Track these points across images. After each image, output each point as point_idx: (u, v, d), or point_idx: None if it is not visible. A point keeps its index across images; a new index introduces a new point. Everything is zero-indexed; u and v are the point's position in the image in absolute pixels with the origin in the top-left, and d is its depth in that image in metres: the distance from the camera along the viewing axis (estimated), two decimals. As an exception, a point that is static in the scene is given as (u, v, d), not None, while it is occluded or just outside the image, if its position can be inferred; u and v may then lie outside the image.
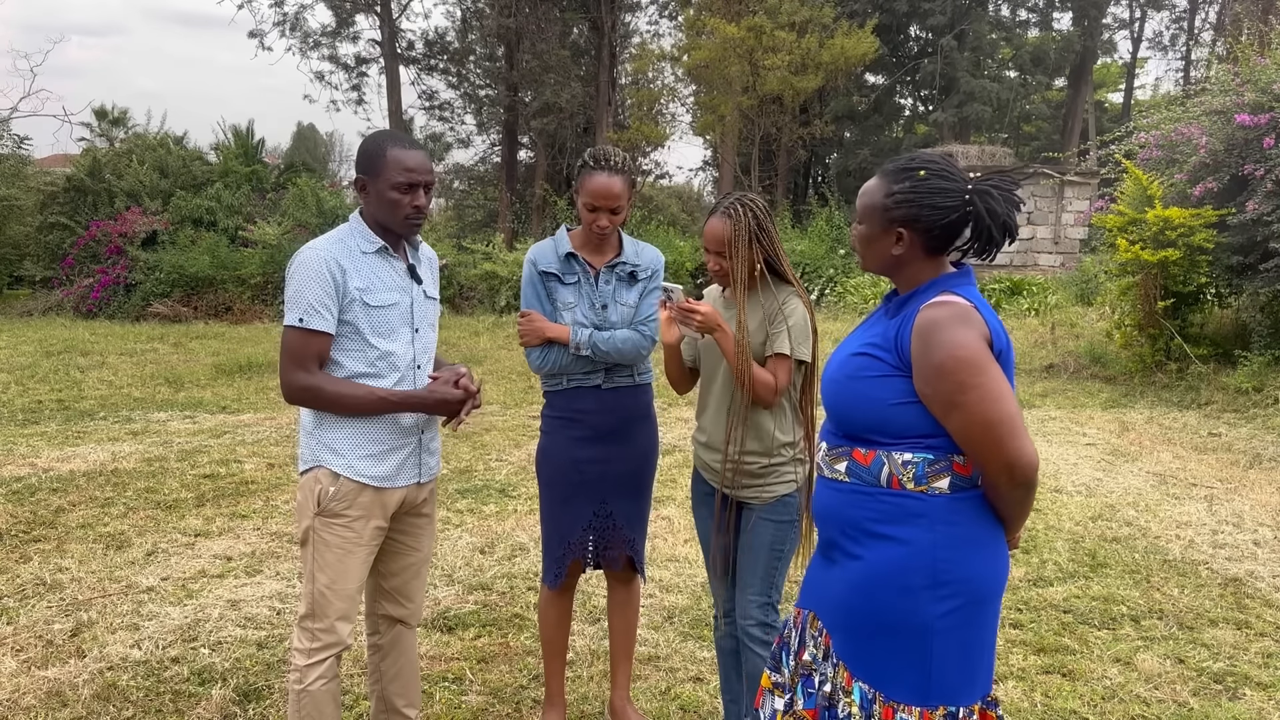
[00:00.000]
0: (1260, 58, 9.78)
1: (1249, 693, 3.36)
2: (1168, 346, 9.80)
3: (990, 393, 1.71)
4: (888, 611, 1.80)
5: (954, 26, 27.87)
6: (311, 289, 2.37)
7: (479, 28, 26.72)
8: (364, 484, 2.46)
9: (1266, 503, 5.74)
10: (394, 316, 2.49)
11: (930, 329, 1.76)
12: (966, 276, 1.89)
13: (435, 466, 2.67)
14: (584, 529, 2.91)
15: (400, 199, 2.42)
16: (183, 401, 9.10)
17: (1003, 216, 1.81)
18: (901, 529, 1.79)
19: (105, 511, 5.39)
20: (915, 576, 1.77)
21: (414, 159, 2.42)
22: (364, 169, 2.45)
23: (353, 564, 2.47)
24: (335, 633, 2.47)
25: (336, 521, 2.45)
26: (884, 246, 1.89)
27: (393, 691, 2.77)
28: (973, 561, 1.79)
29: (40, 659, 3.53)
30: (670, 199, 33.14)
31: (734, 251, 2.58)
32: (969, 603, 1.79)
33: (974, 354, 1.72)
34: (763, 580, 2.63)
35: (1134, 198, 9.87)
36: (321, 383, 2.40)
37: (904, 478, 1.80)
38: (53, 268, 17.86)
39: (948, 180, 1.82)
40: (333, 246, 2.44)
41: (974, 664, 1.81)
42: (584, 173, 2.77)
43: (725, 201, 2.64)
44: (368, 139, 2.47)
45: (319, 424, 2.48)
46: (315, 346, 2.39)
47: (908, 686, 1.79)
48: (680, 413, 8.42)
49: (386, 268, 2.50)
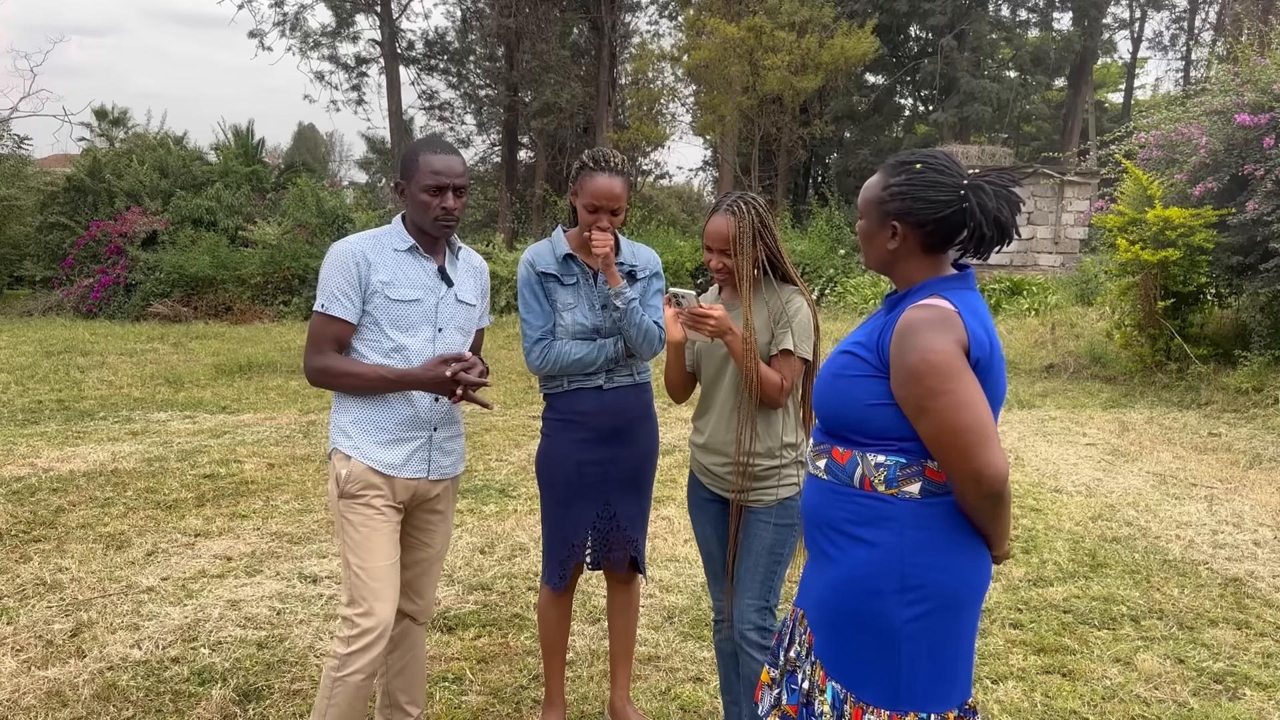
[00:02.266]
0: (1260, 58, 9.79)
1: (1249, 693, 3.36)
2: (1168, 346, 9.80)
3: (960, 400, 1.69)
4: (859, 613, 1.79)
5: (954, 26, 27.87)
6: (335, 278, 2.52)
7: (479, 28, 26.73)
8: (372, 467, 2.54)
9: (1266, 503, 5.74)
10: (415, 313, 2.58)
11: (907, 331, 1.74)
12: (965, 280, 1.86)
13: (451, 468, 2.71)
14: (587, 531, 2.90)
15: (430, 200, 2.54)
16: (183, 401, 9.10)
17: (994, 212, 1.78)
18: (872, 531, 1.78)
19: (105, 511, 5.39)
20: (884, 580, 1.76)
21: (442, 163, 2.53)
22: (402, 173, 2.59)
23: (378, 540, 2.52)
24: (374, 615, 2.47)
25: (357, 501, 2.54)
26: (880, 241, 1.88)
27: (397, 687, 2.79)
28: (943, 567, 1.76)
29: (40, 659, 3.53)
30: (670, 199, 33.15)
31: (739, 249, 2.57)
32: (939, 608, 1.76)
33: (945, 360, 1.70)
34: (761, 584, 2.62)
35: (1134, 198, 9.87)
36: (331, 362, 2.54)
37: (875, 480, 1.79)
38: (53, 268, 17.86)
39: (944, 175, 1.81)
40: (364, 241, 2.58)
41: (946, 670, 1.78)
42: (583, 174, 2.74)
43: (727, 200, 2.63)
44: (407, 148, 2.61)
45: (337, 406, 2.62)
46: (333, 331, 2.53)
47: (878, 690, 1.78)
48: (681, 413, 8.42)
49: (416, 266, 2.61)
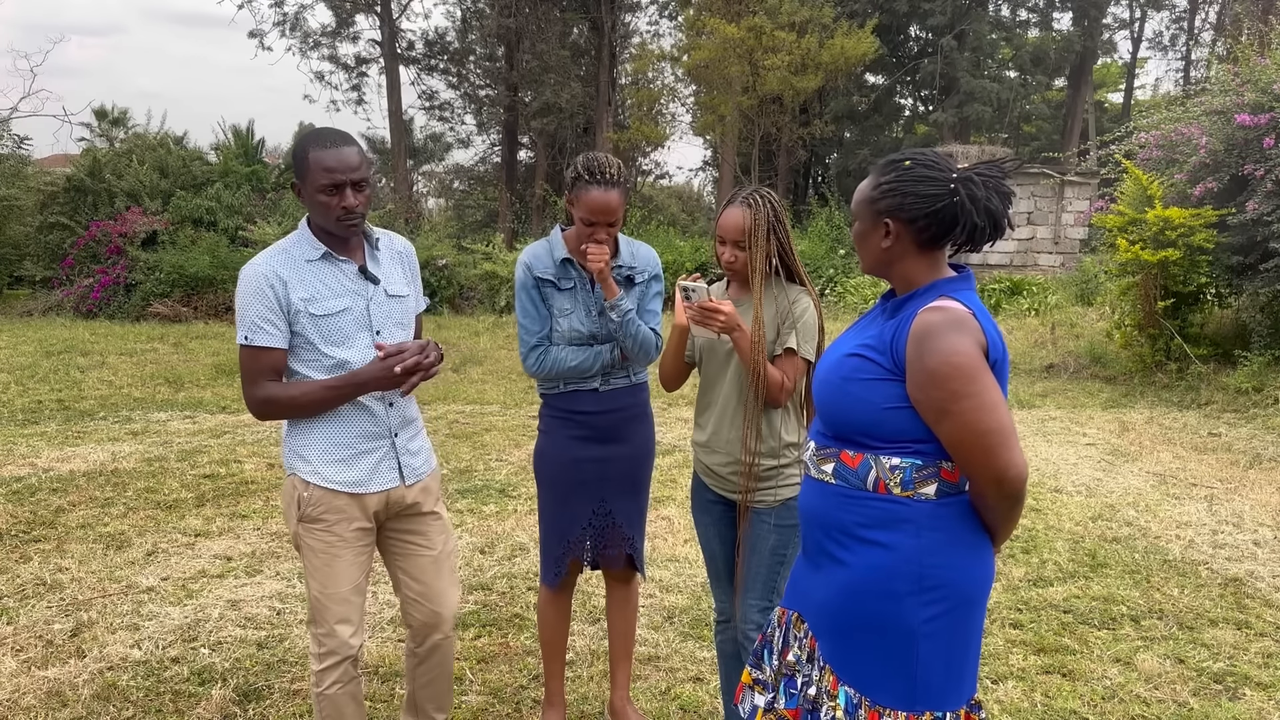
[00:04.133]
0: (1260, 58, 9.78)
1: (1249, 693, 3.36)
2: (1168, 346, 9.79)
3: (984, 402, 1.69)
4: (874, 616, 1.79)
5: (954, 26, 27.85)
6: (253, 306, 2.34)
7: (479, 28, 26.73)
8: (335, 490, 2.43)
9: (1266, 503, 5.74)
10: (346, 323, 2.41)
11: (926, 334, 1.73)
12: (966, 281, 1.86)
13: (422, 467, 2.60)
14: (583, 528, 2.90)
15: (328, 201, 2.32)
16: (183, 401, 9.10)
17: (984, 202, 1.78)
18: (887, 534, 1.78)
19: (105, 511, 5.39)
20: (901, 582, 1.77)
21: (333, 158, 2.29)
22: (295, 174, 2.37)
23: (340, 567, 2.44)
24: (336, 637, 2.44)
25: (316, 526, 2.43)
26: (875, 240, 1.87)
27: (423, 696, 2.74)
28: (958, 566, 1.78)
29: (40, 659, 3.53)
30: (670, 199, 33.16)
31: (753, 241, 2.55)
32: (955, 607, 1.78)
33: (969, 362, 1.70)
34: (764, 585, 2.62)
35: (1134, 198, 9.87)
36: (273, 392, 2.37)
37: (890, 482, 1.78)
38: (53, 268, 17.84)
39: (933, 169, 1.81)
40: (273, 259, 2.38)
41: (959, 668, 1.81)
42: (579, 186, 2.69)
43: (743, 192, 2.62)
44: (294, 142, 2.39)
45: (290, 431, 2.47)
46: (266, 361, 2.37)
47: (894, 691, 1.78)
48: (680, 412, 8.42)
49: (333, 273, 2.42)
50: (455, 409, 8.75)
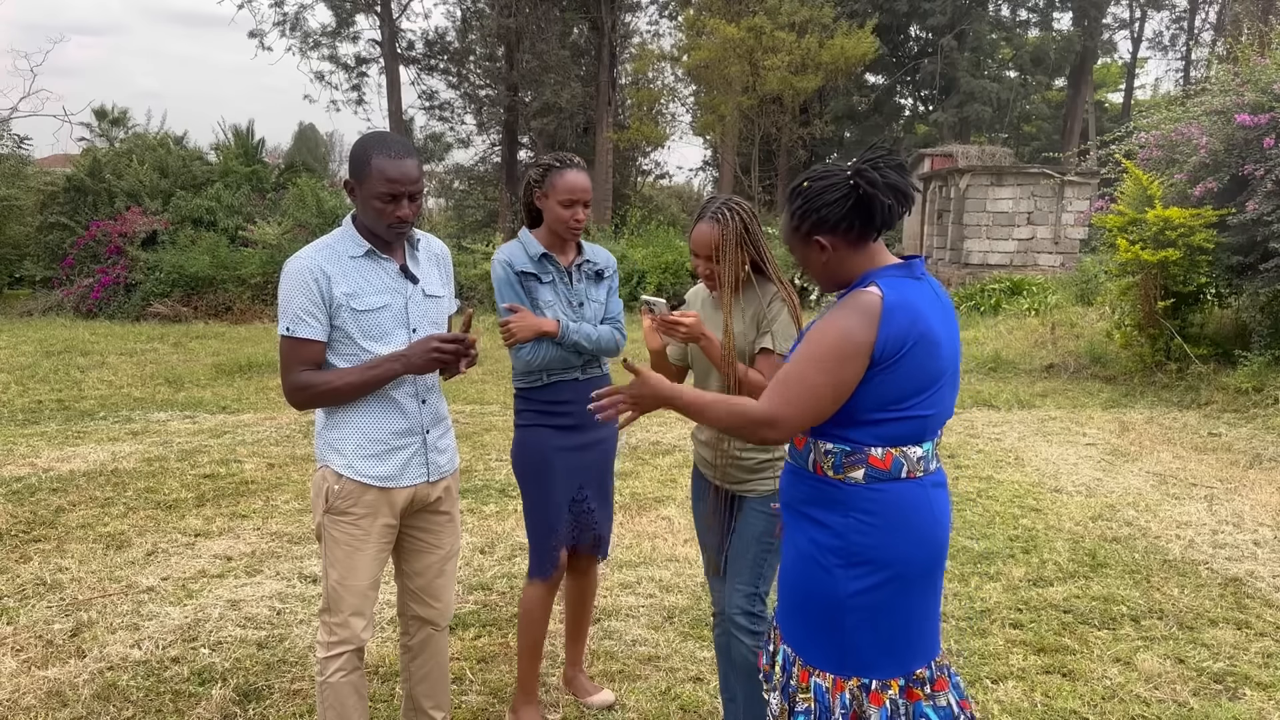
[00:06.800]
0: (1260, 58, 9.78)
1: (1249, 693, 3.36)
2: (1168, 346, 9.79)
3: (808, 372, 1.82)
4: (809, 585, 1.95)
5: (954, 26, 27.88)
6: (296, 299, 2.41)
7: (479, 28, 26.75)
8: (366, 484, 2.49)
9: (1266, 503, 5.74)
10: (385, 319, 2.49)
11: (828, 310, 1.89)
12: (909, 269, 1.94)
13: (447, 465, 2.68)
14: (567, 516, 3.02)
15: (384, 208, 2.41)
16: (183, 401, 9.10)
17: (884, 182, 1.87)
18: (823, 512, 1.93)
19: (105, 511, 5.39)
20: (832, 556, 1.91)
21: (397, 169, 2.37)
22: (352, 174, 2.44)
23: (361, 560, 2.50)
24: (349, 628, 2.50)
25: (343, 519, 2.49)
26: (816, 260, 1.97)
27: (420, 693, 2.80)
28: (887, 546, 1.89)
29: (40, 659, 3.53)
30: (670, 199, 33.16)
31: (722, 256, 2.61)
32: (884, 582, 1.89)
33: (834, 340, 1.82)
34: (750, 570, 2.65)
35: (1134, 198, 9.87)
36: (311, 379, 2.44)
37: (825, 465, 1.93)
38: (53, 268, 17.84)
39: (829, 178, 1.91)
40: (319, 254, 2.46)
41: (892, 640, 1.92)
42: (552, 174, 2.87)
43: (711, 206, 2.66)
44: (357, 143, 2.46)
45: (325, 423, 2.54)
46: (306, 353, 2.44)
47: (823, 654, 1.95)
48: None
49: (376, 270, 2.50)
50: (455, 409, 8.75)
